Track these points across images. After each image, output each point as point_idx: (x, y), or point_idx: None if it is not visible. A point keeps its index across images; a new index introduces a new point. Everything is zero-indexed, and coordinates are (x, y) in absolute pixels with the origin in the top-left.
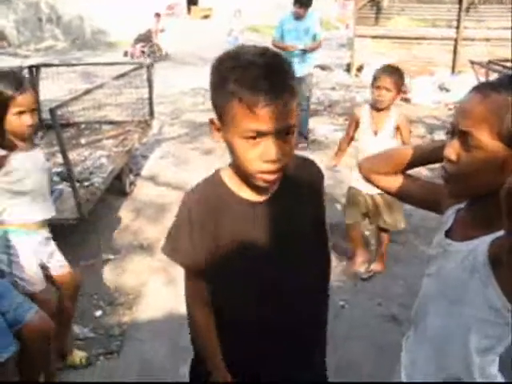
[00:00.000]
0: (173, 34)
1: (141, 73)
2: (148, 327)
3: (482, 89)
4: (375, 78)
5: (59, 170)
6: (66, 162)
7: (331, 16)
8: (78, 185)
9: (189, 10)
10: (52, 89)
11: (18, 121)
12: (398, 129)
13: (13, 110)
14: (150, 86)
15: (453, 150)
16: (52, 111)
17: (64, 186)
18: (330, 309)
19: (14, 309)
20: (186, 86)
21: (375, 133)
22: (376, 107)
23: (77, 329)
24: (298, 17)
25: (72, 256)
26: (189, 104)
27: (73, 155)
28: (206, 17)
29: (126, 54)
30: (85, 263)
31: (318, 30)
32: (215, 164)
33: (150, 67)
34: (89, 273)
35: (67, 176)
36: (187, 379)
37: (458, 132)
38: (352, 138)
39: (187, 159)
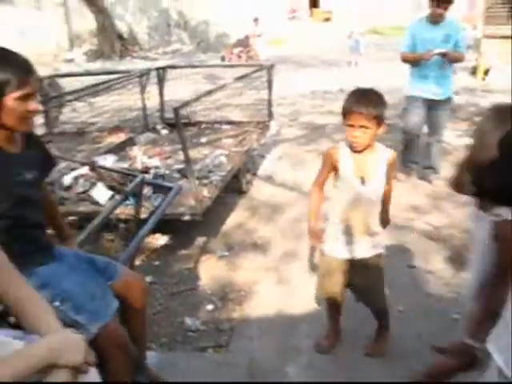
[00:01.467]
0: (295, 37)
1: (261, 74)
2: (257, 324)
3: None
4: (345, 113)
5: (180, 167)
6: (187, 160)
7: (458, 17)
8: (197, 182)
9: (310, 12)
10: (177, 90)
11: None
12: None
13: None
14: (270, 88)
15: None
16: (176, 110)
17: (184, 183)
18: (443, 321)
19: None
20: (305, 88)
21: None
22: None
23: (189, 320)
24: (436, 20)
25: (188, 250)
26: (308, 106)
27: (193, 153)
28: (326, 19)
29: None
30: (200, 258)
31: (461, 41)
32: None
33: (270, 69)
34: (203, 267)
35: (187, 173)
36: (294, 379)
37: None
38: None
39: (304, 161)
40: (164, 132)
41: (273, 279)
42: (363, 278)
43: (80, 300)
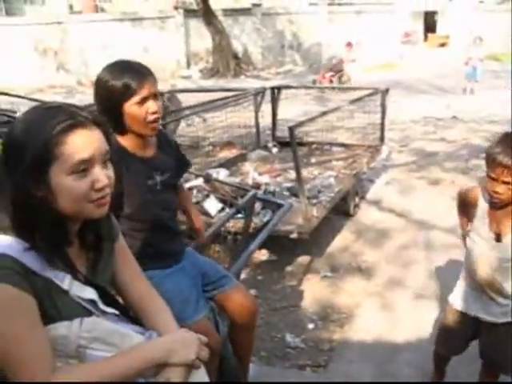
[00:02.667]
0: (409, 62)
1: (372, 98)
2: (357, 348)
3: None
4: (488, 162)
5: (289, 185)
6: (299, 179)
7: None
8: (306, 201)
9: (425, 37)
10: (288, 109)
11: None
12: None
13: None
14: (383, 112)
15: None
16: (291, 130)
17: (293, 201)
18: None
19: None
20: (417, 113)
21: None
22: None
23: (289, 337)
24: None
25: (292, 268)
26: (419, 132)
27: (304, 173)
28: (442, 45)
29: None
30: (304, 277)
31: None
32: (441, 194)
33: (384, 93)
34: (306, 286)
35: (298, 191)
36: None
37: None
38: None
39: (413, 187)
40: (275, 150)
41: (376, 305)
42: (490, 341)
43: (170, 301)
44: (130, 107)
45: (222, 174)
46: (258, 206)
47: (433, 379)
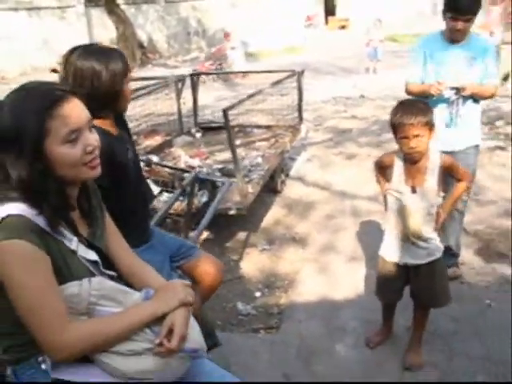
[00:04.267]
0: (312, 44)
1: (285, 81)
2: (304, 309)
3: None
4: (396, 127)
5: (220, 166)
6: (235, 158)
7: (475, 23)
8: (242, 179)
9: (326, 20)
10: (201, 96)
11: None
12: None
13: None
14: (300, 92)
15: None
16: (224, 112)
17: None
18: (477, 306)
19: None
20: (327, 94)
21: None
22: (412, 160)
23: (240, 305)
24: (456, 39)
25: (231, 244)
26: (331, 112)
27: (230, 155)
28: (343, 27)
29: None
30: (244, 251)
31: (492, 68)
32: (358, 167)
33: (300, 74)
34: (247, 259)
35: (233, 171)
36: (343, 357)
37: None
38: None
39: (331, 162)
40: (198, 135)
41: (313, 269)
42: (418, 282)
43: None
44: (126, 87)
45: (154, 160)
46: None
47: (381, 329)
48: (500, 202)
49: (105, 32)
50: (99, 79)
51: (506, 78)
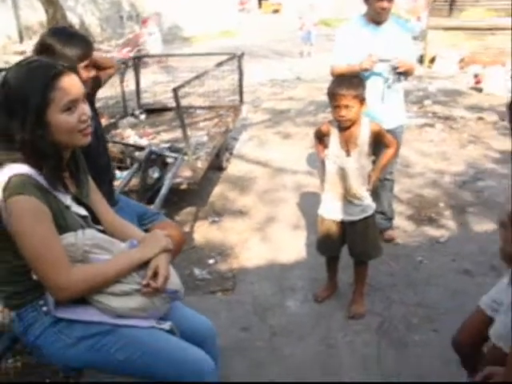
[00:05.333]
0: (246, 28)
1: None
2: (255, 272)
3: None
4: (330, 96)
5: (168, 145)
6: (185, 134)
7: (402, 8)
8: (192, 155)
9: (260, 4)
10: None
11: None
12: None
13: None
14: (241, 74)
15: None
16: (175, 91)
17: None
18: (410, 262)
19: None
20: (263, 77)
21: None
22: (342, 127)
23: (196, 271)
24: (379, 20)
25: (181, 218)
26: (268, 93)
27: (177, 134)
28: (276, 11)
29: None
30: (194, 224)
31: (413, 48)
32: (295, 146)
33: (240, 57)
34: (198, 231)
35: (181, 149)
36: (293, 312)
37: None
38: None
39: (271, 141)
40: (142, 117)
41: (260, 238)
42: (354, 237)
43: None
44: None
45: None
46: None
47: (327, 285)
48: (427, 173)
49: (34, 14)
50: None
51: (432, 61)
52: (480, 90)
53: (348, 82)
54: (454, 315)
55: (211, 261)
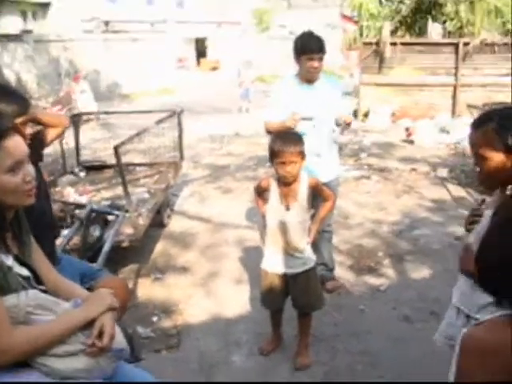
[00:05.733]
0: (185, 86)
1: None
2: (200, 328)
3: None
4: (275, 153)
5: (108, 203)
6: (126, 192)
7: (335, 66)
8: (134, 212)
9: (198, 62)
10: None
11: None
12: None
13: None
14: (181, 130)
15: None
16: (115, 149)
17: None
18: (353, 312)
19: None
20: (202, 133)
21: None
22: (286, 183)
23: (140, 329)
24: (311, 79)
25: (126, 275)
26: (208, 149)
27: (118, 191)
28: (214, 69)
29: None
30: (137, 281)
31: (344, 102)
32: (236, 200)
33: (180, 114)
34: (141, 288)
35: (122, 207)
36: (239, 366)
37: (474, 155)
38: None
39: (212, 197)
40: (82, 174)
41: (204, 293)
42: (297, 289)
43: None
44: None
45: None
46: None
47: (272, 338)
48: (366, 224)
49: None
50: None
51: (366, 115)
52: (411, 143)
53: (292, 139)
54: (397, 361)
55: (155, 318)
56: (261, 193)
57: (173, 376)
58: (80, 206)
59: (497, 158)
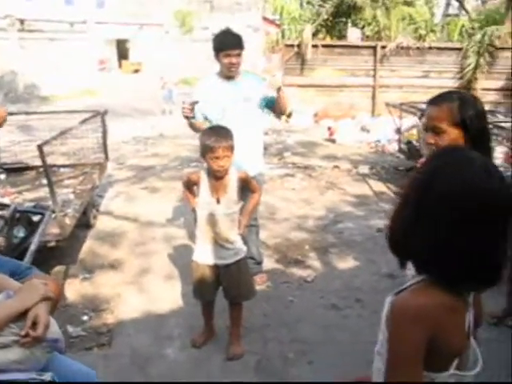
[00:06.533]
0: (107, 88)
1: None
2: (131, 324)
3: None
4: (209, 149)
5: (32, 204)
6: (52, 192)
7: (258, 68)
8: (60, 212)
9: (120, 64)
10: None
11: None
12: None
13: None
14: (105, 131)
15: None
16: (39, 147)
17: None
18: (282, 302)
19: None
20: (126, 135)
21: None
22: (218, 176)
23: (70, 328)
24: (231, 75)
25: (54, 276)
26: (132, 151)
27: (41, 193)
28: (136, 71)
29: None
30: (65, 281)
31: (267, 92)
32: (163, 200)
33: (104, 114)
34: (70, 289)
35: (46, 208)
36: (172, 360)
37: (431, 128)
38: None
39: (138, 197)
40: (2, 176)
41: (135, 290)
42: (228, 280)
43: None
44: None
45: None
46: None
47: (204, 330)
48: (292, 219)
49: None
50: None
51: (289, 115)
52: (333, 141)
53: (224, 134)
54: (326, 347)
55: (85, 317)
56: (190, 187)
57: (104, 372)
58: (3, 207)
59: (453, 132)
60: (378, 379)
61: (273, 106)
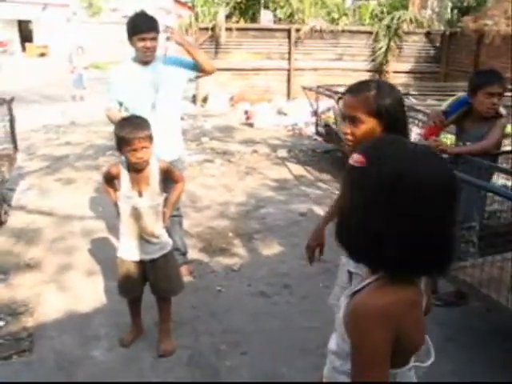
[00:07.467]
0: (10, 72)
1: None
2: (54, 326)
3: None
4: (127, 141)
5: None
6: None
7: (171, 50)
8: None
9: (23, 47)
10: None
11: None
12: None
13: None
14: (12, 120)
15: (348, 129)
16: None
17: None
18: (210, 293)
19: None
20: (35, 122)
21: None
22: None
23: None
24: (146, 60)
25: None
26: (43, 140)
27: None
28: (42, 54)
29: None
30: None
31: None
32: (79, 191)
33: (10, 102)
34: None
35: None
36: (101, 359)
37: (347, 117)
38: None
39: (52, 189)
40: None
41: (56, 289)
42: (156, 275)
43: None
44: None
45: None
46: None
47: (132, 328)
48: (214, 206)
49: None
50: None
51: (205, 100)
52: (251, 125)
53: (140, 124)
54: (257, 336)
55: (1, 323)
56: (110, 180)
57: (30, 379)
58: None
59: (370, 122)
60: (334, 379)
61: (193, 65)
